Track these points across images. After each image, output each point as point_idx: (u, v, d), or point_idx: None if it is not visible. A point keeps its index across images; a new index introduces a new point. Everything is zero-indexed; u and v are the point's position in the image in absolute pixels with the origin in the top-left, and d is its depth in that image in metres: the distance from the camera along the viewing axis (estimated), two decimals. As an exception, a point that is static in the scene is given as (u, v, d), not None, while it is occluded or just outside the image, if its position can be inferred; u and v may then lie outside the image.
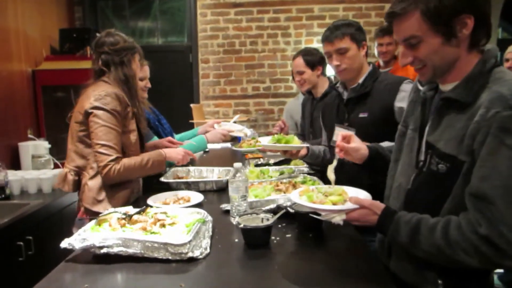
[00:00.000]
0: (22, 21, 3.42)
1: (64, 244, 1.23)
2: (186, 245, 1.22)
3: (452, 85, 1.09)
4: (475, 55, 1.08)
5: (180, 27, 5.08)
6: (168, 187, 2.03)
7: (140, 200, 1.90)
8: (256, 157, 2.81)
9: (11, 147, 3.16)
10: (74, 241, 1.23)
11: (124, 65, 1.90)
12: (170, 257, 1.21)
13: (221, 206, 1.69)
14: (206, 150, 3.27)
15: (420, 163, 1.16)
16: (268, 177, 2.11)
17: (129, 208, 1.51)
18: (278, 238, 1.38)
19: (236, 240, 1.38)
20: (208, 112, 4.89)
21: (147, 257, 1.22)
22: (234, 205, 1.56)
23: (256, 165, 2.46)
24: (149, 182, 2.10)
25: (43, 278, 1.15)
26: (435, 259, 1.05)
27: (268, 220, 1.36)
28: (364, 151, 1.41)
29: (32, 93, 3.54)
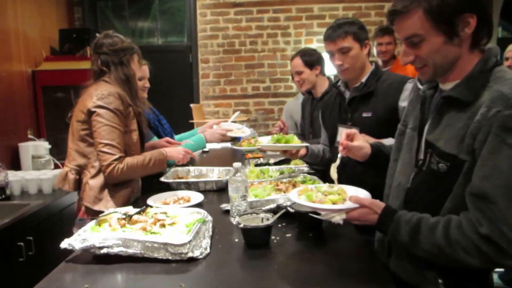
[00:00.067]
0: (22, 22, 3.42)
1: (64, 244, 1.23)
2: (186, 245, 1.21)
3: (453, 84, 1.09)
4: (476, 54, 1.08)
5: (180, 27, 5.07)
6: (168, 187, 2.03)
7: (140, 200, 1.90)
8: (256, 156, 2.81)
9: (11, 148, 3.16)
10: (74, 242, 1.23)
11: (123, 65, 1.91)
12: (170, 257, 1.21)
13: (221, 206, 1.69)
14: (206, 150, 3.27)
15: (419, 162, 1.16)
16: (268, 177, 2.11)
17: (129, 208, 1.51)
18: (278, 238, 1.38)
19: (236, 240, 1.38)
20: (208, 112, 4.89)
21: (147, 257, 1.21)
22: (234, 205, 1.56)
23: (256, 165, 2.46)
24: (149, 182, 2.09)
25: (43, 278, 1.15)
26: (435, 259, 1.05)
27: (268, 220, 1.36)
28: (367, 150, 1.41)
29: (32, 93, 3.54)
